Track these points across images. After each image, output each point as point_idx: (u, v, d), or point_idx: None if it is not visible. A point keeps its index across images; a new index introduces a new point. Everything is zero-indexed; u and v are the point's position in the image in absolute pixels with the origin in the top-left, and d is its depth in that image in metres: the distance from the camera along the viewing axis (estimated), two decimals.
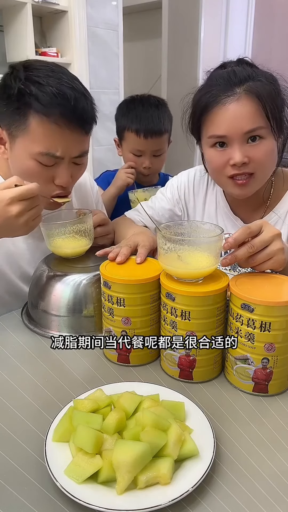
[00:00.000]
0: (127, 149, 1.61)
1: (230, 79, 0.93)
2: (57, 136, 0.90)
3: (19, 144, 0.92)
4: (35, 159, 0.91)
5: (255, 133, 0.91)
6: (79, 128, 0.92)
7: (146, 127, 1.52)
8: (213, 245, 0.76)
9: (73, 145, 0.93)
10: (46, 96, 0.87)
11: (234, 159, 0.92)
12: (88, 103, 0.94)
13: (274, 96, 0.92)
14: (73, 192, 1.22)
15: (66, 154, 0.92)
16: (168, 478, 0.54)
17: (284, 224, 1.05)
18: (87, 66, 2.64)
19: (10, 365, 0.81)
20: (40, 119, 0.88)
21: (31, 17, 2.30)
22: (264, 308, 0.68)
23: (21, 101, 0.88)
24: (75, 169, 0.98)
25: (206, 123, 0.96)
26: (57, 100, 0.88)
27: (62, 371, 0.80)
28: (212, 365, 0.78)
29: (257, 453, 0.62)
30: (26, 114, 0.89)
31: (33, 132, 0.89)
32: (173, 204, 1.21)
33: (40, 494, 0.55)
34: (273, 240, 0.77)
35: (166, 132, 1.57)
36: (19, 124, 0.90)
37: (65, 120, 0.89)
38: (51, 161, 0.92)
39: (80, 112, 0.91)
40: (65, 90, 0.89)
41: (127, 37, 3.07)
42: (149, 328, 0.82)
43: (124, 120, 1.59)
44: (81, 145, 0.95)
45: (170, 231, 0.82)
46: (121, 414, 0.61)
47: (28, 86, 0.88)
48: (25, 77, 0.89)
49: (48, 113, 0.88)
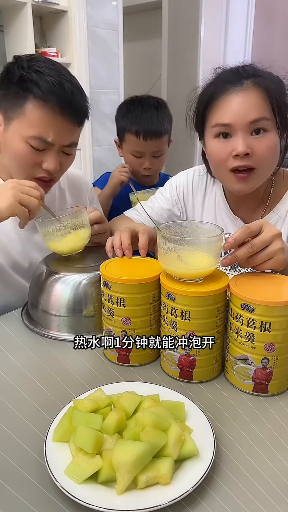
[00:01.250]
0: (127, 151, 1.62)
1: (238, 73, 0.94)
2: (51, 122, 0.95)
3: (13, 126, 0.97)
4: (27, 142, 0.96)
5: (259, 125, 0.91)
6: (72, 118, 0.97)
7: (145, 128, 1.53)
8: (213, 245, 0.76)
9: (64, 134, 0.98)
10: (46, 83, 0.93)
11: (237, 149, 0.92)
12: (83, 98, 1.00)
13: (280, 94, 0.93)
14: (66, 189, 1.23)
15: (56, 141, 0.97)
16: (168, 478, 0.54)
17: (284, 224, 1.05)
18: (87, 66, 2.64)
19: (10, 365, 0.81)
20: (37, 103, 0.93)
21: (31, 17, 2.30)
22: (264, 308, 0.68)
23: (22, 86, 0.94)
24: (64, 159, 1.03)
25: (211, 113, 0.96)
26: (56, 89, 0.93)
27: (62, 371, 0.80)
28: (212, 365, 0.78)
29: (257, 453, 0.62)
30: (25, 98, 0.94)
31: (29, 116, 0.94)
32: (172, 204, 1.21)
33: (40, 494, 0.55)
34: (273, 240, 0.77)
35: (165, 133, 1.57)
36: (16, 108, 0.95)
37: (60, 108, 0.94)
38: (42, 145, 0.96)
39: (76, 104, 0.97)
40: (64, 82, 0.95)
41: (127, 37, 3.07)
42: (149, 328, 0.82)
43: (124, 122, 1.59)
44: (72, 135, 1.00)
45: (170, 231, 0.82)
46: (121, 414, 0.61)
47: (29, 73, 0.94)
48: (27, 65, 0.95)
49: (45, 99, 0.93)
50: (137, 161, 1.60)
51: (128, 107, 1.60)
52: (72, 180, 1.26)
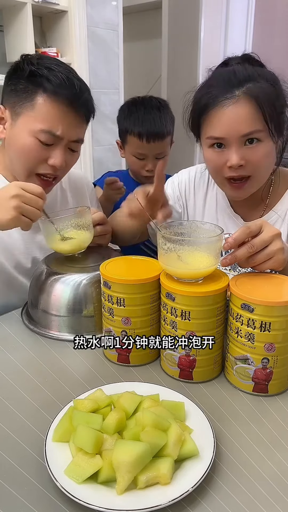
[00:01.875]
0: (129, 152, 1.61)
1: (230, 80, 0.92)
2: (61, 116, 0.97)
3: (21, 121, 0.98)
4: (35, 136, 0.97)
5: (252, 136, 0.91)
6: (81, 113, 1.00)
7: (148, 130, 1.51)
8: (213, 245, 0.76)
9: (73, 128, 1.00)
10: (56, 79, 0.96)
11: (230, 161, 0.92)
12: (90, 97, 1.03)
13: (273, 99, 0.91)
14: (68, 189, 1.23)
15: (65, 135, 0.98)
16: (168, 478, 0.54)
17: (284, 223, 1.05)
18: (87, 66, 2.63)
19: (10, 365, 0.81)
20: (47, 97, 0.96)
21: (31, 17, 2.30)
22: (264, 308, 0.68)
23: (32, 81, 0.96)
24: (69, 155, 1.04)
25: (204, 124, 0.97)
26: (66, 84, 0.96)
27: (62, 371, 0.80)
28: (212, 365, 0.78)
29: (257, 453, 0.62)
30: (35, 92, 0.96)
31: (39, 110, 0.96)
32: (173, 201, 1.21)
33: (40, 494, 0.55)
34: (273, 240, 0.77)
35: (168, 135, 1.56)
36: (25, 102, 0.97)
37: (70, 103, 0.97)
38: (50, 139, 0.98)
39: (84, 100, 1.00)
40: (72, 79, 0.98)
41: (127, 37, 3.06)
42: (149, 328, 0.82)
43: (126, 123, 1.58)
44: (79, 131, 1.03)
45: (170, 231, 0.82)
46: (121, 414, 0.61)
47: (40, 69, 0.96)
48: (37, 62, 0.97)
49: (56, 93, 0.95)
50: (140, 163, 1.59)
51: (130, 108, 1.59)
52: (73, 180, 1.26)
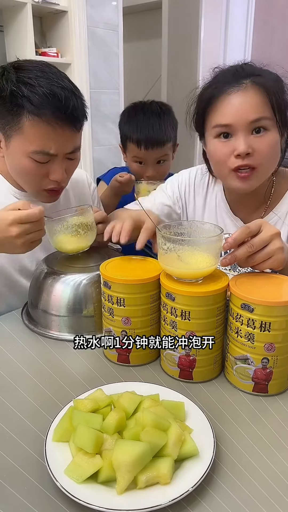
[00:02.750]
0: (130, 158, 1.60)
1: (237, 72, 0.94)
2: (50, 135, 0.93)
3: (14, 143, 0.95)
4: (30, 157, 0.95)
5: (260, 124, 0.91)
6: (70, 125, 0.95)
7: (146, 137, 1.50)
8: (213, 245, 0.76)
9: (65, 142, 0.96)
10: (38, 97, 0.90)
11: (238, 149, 0.92)
12: (78, 101, 0.97)
13: (280, 92, 0.92)
14: (70, 189, 1.23)
15: (59, 151, 0.96)
16: (168, 478, 0.54)
17: (284, 224, 1.05)
18: (87, 66, 2.63)
19: (10, 365, 0.81)
20: (33, 119, 0.91)
21: (31, 17, 2.30)
22: (264, 308, 0.68)
23: (14, 102, 0.91)
24: (69, 164, 1.02)
25: (211, 113, 0.96)
26: (49, 100, 0.91)
27: (62, 371, 0.80)
28: (212, 365, 0.78)
29: (257, 453, 0.62)
30: (19, 114, 0.92)
31: (27, 132, 0.93)
32: (173, 202, 1.21)
33: (40, 494, 0.55)
34: (272, 239, 0.77)
35: (168, 141, 1.54)
36: (13, 125, 0.93)
37: (57, 119, 0.92)
38: (45, 158, 0.96)
39: (71, 110, 0.94)
40: (55, 90, 0.91)
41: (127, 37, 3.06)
42: (149, 328, 0.82)
43: (126, 129, 1.57)
44: (73, 142, 0.99)
45: (170, 231, 0.82)
46: (121, 414, 0.61)
47: (19, 88, 0.90)
48: (16, 78, 0.91)
49: (40, 114, 0.91)
50: (140, 169, 1.58)
51: (130, 113, 1.58)
52: (75, 179, 1.25)
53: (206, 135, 1.00)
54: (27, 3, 2.27)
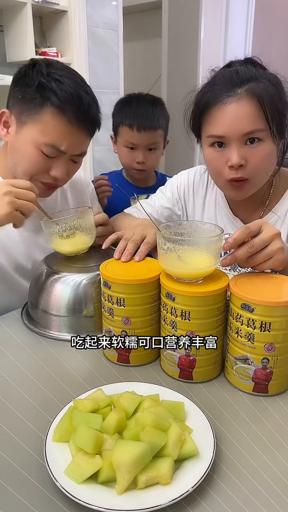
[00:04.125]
0: (121, 144, 1.61)
1: (232, 79, 0.92)
2: (66, 131, 0.96)
3: (26, 131, 0.97)
4: (39, 148, 0.96)
5: (253, 135, 0.91)
6: (86, 129, 0.99)
7: (139, 120, 1.53)
8: (213, 245, 0.76)
9: (77, 143, 0.99)
10: (65, 93, 0.94)
11: (231, 160, 0.92)
12: (97, 109, 1.02)
13: (276, 99, 0.91)
14: (68, 189, 1.23)
15: (69, 150, 0.98)
16: (168, 478, 0.54)
17: (283, 224, 1.05)
18: (87, 66, 2.63)
19: (10, 365, 0.81)
20: (54, 112, 0.94)
21: (31, 17, 2.30)
22: (264, 308, 0.68)
23: (40, 93, 0.94)
24: (71, 166, 1.04)
25: (205, 122, 0.96)
26: (74, 100, 0.95)
27: (62, 371, 0.80)
28: (212, 365, 0.78)
29: (257, 453, 0.62)
30: (42, 105, 0.95)
31: (45, 123, 0.95)
32: (173, 203, 1.21)
33: (40, 494, 0.55)
34: (272, 239, 0.77)
35: (160, 128, 1.56)
36: (32, 113, 0.96)
37: (77, 119, 0.96)
38: (53, 153, 0.97)
39: (91, 115, 0.99)
40: (81, 93, 0.96)
41: (127, 37, 3.06)
42: (149, 328, 0.82)
43: (119, 116, 1.60)
44: (83, 145, 1.02)
45: (170, 231, 0.82)
46: (121, 414, 0.61)
47: (49, 81, 0.94)
48: (47, 72, 0.95)
49: (63, 109, 0.94)
50: (131, 155, 1.59)
51: (124, 102, 1.62)
52: (74, 180, 1.25)
53: (202, 141, 1.01)
54: (27, 3, 2.27)
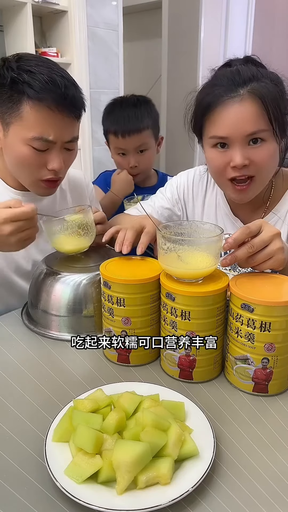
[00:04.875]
0: (112, 151, 1.65)
1: (234, 79, 0.92)
2: (50, 120, 0.94)
3: (13, 131, 0.96)
4: (29, 144, 0.95)
5: (256, 136, 0.91)
6: (70, 113, 0.96)
7: (122, 126, 1.54)
8: (213, 245, 0.76)
9: (64, 130, 0.97)
10: (38, 82, 0.91)
11: (234, 161, 0.92)
12: (77, 91, 0.98)
13: (278, 98, 0.91)
14: (68, 190, 1.23)
15: (58, 138, 0.96)
16: (168, 478, 0.54)
17: (284, 224, 1.05)
18: (87, 66, 2.63)
19: (10, 365, 0.81)
20: (33, 104, 0.92)
21: (31, 17, 2.30)
22: (264, 308, 0.68)
23: (14, 88, 0.92)
24: (67, 155, 1.02)
25: (208, 123, 0.96)
26: (49, 86, 0.92)
27: (62, 371, 0.80)
28: (212, 365, 0.78)
29: (257, 453, 0.62)
30: (19, 100, 0.93)
31: (27, 118, 0.93)
32: (173, 204, 1.21)
33: (40, 494, 0.55)
34: (272, 239, 0.77)
35: (146, 128, 1.57)
36: (13, 111, 0.94)
37: (56, 105, 0.93)
38: (44, 145, 0.95)
39: (71, 98, 0.95)
40: (55, 77, 0.93)
41: (127, 37, 3.07)
42: (149, 328, 0.82)
43: (105, 124, 1.62)
44: (72, 130, 0.99)
45: (170, 231, 0.82)
46: (121, 414, 0.61)
47: (20, 75, 0.92)
48: (17, 66, 0.93)
49: (40, 98, 0.92)
50: (123, 160, 1.61)
51: (108, 109, 1.63)
52: (73, 180, 1.26)
53: (204, 142, 1.00)
54: (27, 3, 2.27)
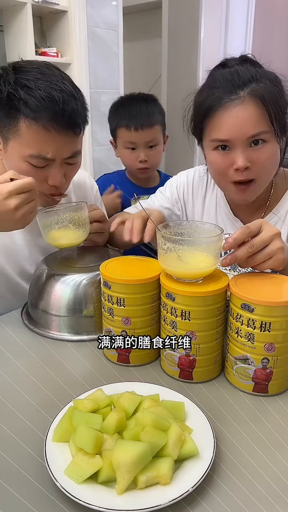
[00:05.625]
0: (121, 146, 1.62)
1: (233, 81, 0.91)
2: (47, 139, 0.90)
3: (11, 146, 0.93)
4: (27, 161, 0.92)
5: (258, 137, 0.91)
6: (68, 130, 0.92)
7: (136, 119, 1.54)
8: (213, 245, 0.76)
9: (63, 147, 0.93)
10: (35, 100, 0.88)
11: (237, 163, 0.91)
12: (78, 103, 0.94)
13: (277, 98, 0.91)
14: (72, 191, 1.23)
15: (57, 156, 0.93)
16: (168, 478, 0.54)
17: (284, 224, 1.05)
18: (87, 66, 2.63)
19: (10, 365, 0.81)
20: (29, 123, 0.89)
21: (31, 17, 2.30)
22: (264, 308, 0.68)
23: (11, 105, 0.89)
24: (68, 169, 0.99)
25: (208, 126, 0.96)
26: (46, 103, 0.88)
27: (62, 371, 0.80)
28: (212, 365, 0.78)
29: (257, 453, 0.62)
30: (16, 118, 0.90)
31: (24, 136, 0.90)
32: (172, 204, 1.21)
33: (40, 494, 0.55)
34: (272, 239, 0.77)
35: (157, 123, 1.57)
36: (10, 127, 0.91)
37: (54, 123, 0.89)
38: (42, 163, 0.93)
39: (69, 114, 0.91)
40: (53, 93, 0.89)
41: (127, 37, 3.06)
42: (149, 328, 0.82)
43: (115, 119, 1.61)
44: (72, 146, 0.96)
45: (170, 231, 0.82)
46: (121, 414, 0.61)
47: (17, 90, 0.88)
48: (14, 80, 0.89)
49: (37, 118, 0.88)
50: (132, 154, 1.60)
51: (118, 105, 1.63)
52: (77, 181, 1.25)
53: (204, 145, 1.00)
54: (27, 3, 2.27)
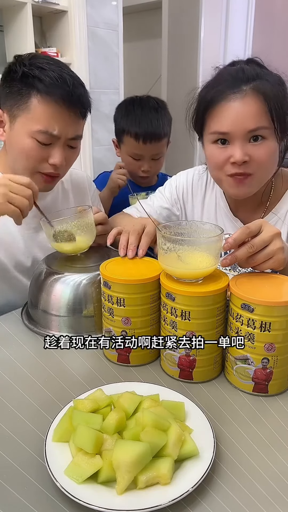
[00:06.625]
0: (125, 152, 1.61)
1: (237, 76, 0.92)
2: (56, 115, 0.97)
3: (19, 123, 0.99)
4: (33, 137, 0.98)
5: (258, 133, 0.91)
6: (76, 110, 1.00)
7: (145, 131, 1.51)
8: (213, 245, 0.76)
9: (69, 126, 1.00)
10: (49, 78, 0.96)
11: (234, 157, 0.92)
12: (85, 91, 1.03)
13: (280, 98, 0.91)
14: (70, 189, 1.23)
15: (62, 133, 0.99)
16: (168, 478, 0.54)
17: (284, 225, 1.05)
18: (87, 66, 2.63)
19: (10, 365, 0.81)
20: (41, 98, 0.96)
21: (31, 17, 2.30)
22: (264, 308, 0.68)
23: (25, 82, 0.97)
24: (69, 152, 1.04)
25: (209, 119, 0.96)
26: (58, 83, 0.97)
27: (62, 371, 0.80)
28: (212, 365, 0.78)
29: (257, 453, 0.62)
30: (28, 94, 0.97)
31: (34, 111, 0.97)
32: (172, 204, 1.21)
33: (40, 494, 0.55)
34: (272, 239, 0.77)
35: (165, 136, 1.56)
36: (21, 104, 0.97)
37: (64, 101, 0.97)
38: (48, 139, 0.98)
39: (78, 96, 1.00)
40: (65, 76, 0.98)
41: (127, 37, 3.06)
42: (149, 328, 0.82)
43: (123, 123, 1.58)
44: (76, 128, 1.03)
45: (170, 231, 0.82)
46: (121, 414, 0.61)
47: (32, 70, 0.97)
48: (29, 63, 0.98)
49: (49, 92, 0.96)
50: (136, 163, 1.59)
51: (128, 107, 1.59)
52: (76, 180, 1.26)
53: (204, 138, 1.00)
54: (27, 3, 2.27)
